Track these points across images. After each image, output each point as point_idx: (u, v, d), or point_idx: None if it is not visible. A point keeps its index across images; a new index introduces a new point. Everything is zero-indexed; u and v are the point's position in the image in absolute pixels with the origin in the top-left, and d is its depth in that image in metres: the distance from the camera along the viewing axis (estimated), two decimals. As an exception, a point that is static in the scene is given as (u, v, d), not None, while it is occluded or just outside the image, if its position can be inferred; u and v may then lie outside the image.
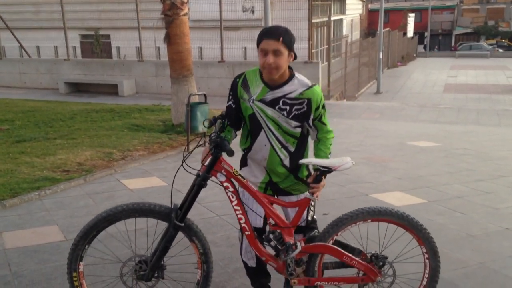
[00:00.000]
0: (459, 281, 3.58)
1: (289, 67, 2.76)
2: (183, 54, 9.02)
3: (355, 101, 16.97)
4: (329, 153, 2.84)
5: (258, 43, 2.65)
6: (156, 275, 2.79)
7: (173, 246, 2.78)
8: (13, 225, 4.70)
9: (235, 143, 2.88)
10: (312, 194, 2.75)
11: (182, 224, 2.72)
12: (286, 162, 2.85)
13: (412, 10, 44.04)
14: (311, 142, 2.96)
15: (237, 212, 2.72)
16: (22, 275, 3.67)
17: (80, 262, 2.75)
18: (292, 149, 2.83)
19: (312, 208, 2.94)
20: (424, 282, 2.87)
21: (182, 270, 3.27)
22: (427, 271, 2.85)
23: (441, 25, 52.70)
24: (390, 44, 28.23)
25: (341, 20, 26.60)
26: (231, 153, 2.61)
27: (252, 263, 3.10)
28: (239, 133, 3.02)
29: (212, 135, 2.69)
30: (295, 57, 2.71)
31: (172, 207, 2.73)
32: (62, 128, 9.33)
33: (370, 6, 48.13)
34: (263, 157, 2.84)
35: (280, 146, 2.82)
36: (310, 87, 2.74)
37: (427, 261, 2.83)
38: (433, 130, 10.09)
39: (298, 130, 2.80)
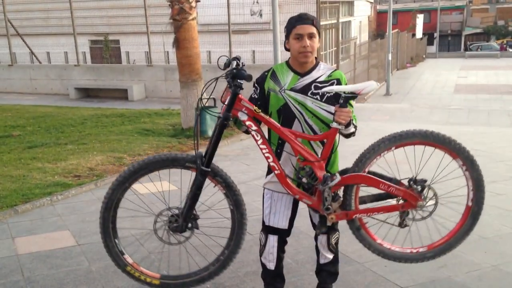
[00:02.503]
0: (472, 283, 3.55)
1: None
2: (192, 58, 9.05)
3: (365, 103, 16.89)
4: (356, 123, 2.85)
5: (291, 30, 2.72)
6: (189, 225, 2.76)
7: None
8: (26, 231, 4.73)
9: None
10: (338, 123, 2.65)
11: (209, 169, 2.68)
12: (319, 153, 2.80)
13: (421, 11, 43.74)
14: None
15: (264, 151, 2.66)
16: (34, 280, 3.70)
17: (124, 256, 2.67)
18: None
19: None
20: (471, 195, 2.76)
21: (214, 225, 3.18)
22: (470, 184, 2.73)
23: (450, 26, 52.30)
24: (399, 46, 28.06)
25: (349, 22, 26.57)
26: (249, 78, 2.57)
27: (271, 266, 3.07)
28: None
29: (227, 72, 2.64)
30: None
31: (196, 154, 2.68)
32: (73, 133, 9.39)
33: (378, 7, 47.97)
34: None
35: (313, 135, 2.82)
36: (335, 69, 2.86)
37: (466, 172, 2.70)
38: (443, 131, 9.99)
39: (331, 117, 2.75)
